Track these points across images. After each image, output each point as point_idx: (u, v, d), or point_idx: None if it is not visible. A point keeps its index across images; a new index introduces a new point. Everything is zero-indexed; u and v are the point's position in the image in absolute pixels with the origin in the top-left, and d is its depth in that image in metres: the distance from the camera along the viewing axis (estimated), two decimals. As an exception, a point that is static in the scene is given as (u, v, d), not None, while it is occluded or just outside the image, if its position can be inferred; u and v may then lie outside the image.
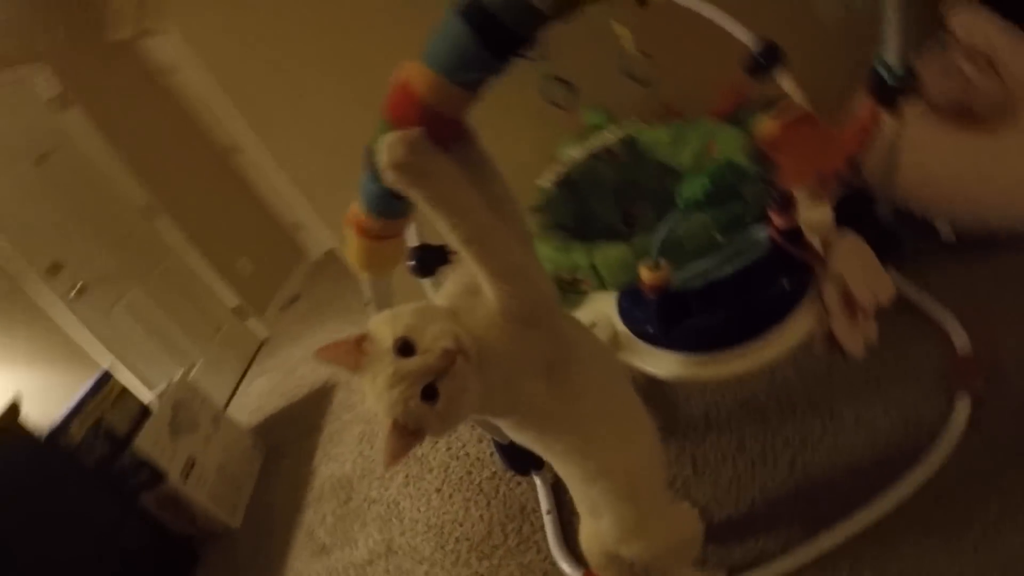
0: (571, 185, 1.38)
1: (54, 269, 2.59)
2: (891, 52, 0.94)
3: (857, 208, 1.33)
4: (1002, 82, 1.46)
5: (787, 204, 0.84)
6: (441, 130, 0.59)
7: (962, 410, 1.06)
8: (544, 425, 0.74)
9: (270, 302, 3.82)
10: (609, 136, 1.40)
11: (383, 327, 0.64)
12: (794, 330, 0.88)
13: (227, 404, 3.05)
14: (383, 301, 0.82)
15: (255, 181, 4.06)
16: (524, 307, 0.64)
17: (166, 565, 1.98)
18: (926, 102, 1.53)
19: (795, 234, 0.85)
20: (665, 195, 1.37)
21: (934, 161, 1.38)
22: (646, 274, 0.88)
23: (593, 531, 0.89)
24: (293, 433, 2.41)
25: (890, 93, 0.98)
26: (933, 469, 1.01)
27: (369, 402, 0.64)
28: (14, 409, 1.76)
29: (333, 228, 1.96)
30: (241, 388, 3.20)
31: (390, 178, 0.58)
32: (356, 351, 0.64)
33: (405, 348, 0.61)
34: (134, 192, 3.18)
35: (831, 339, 0.86)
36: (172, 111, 3.79)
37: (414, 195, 0.59)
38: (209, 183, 3.81)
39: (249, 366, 3.39)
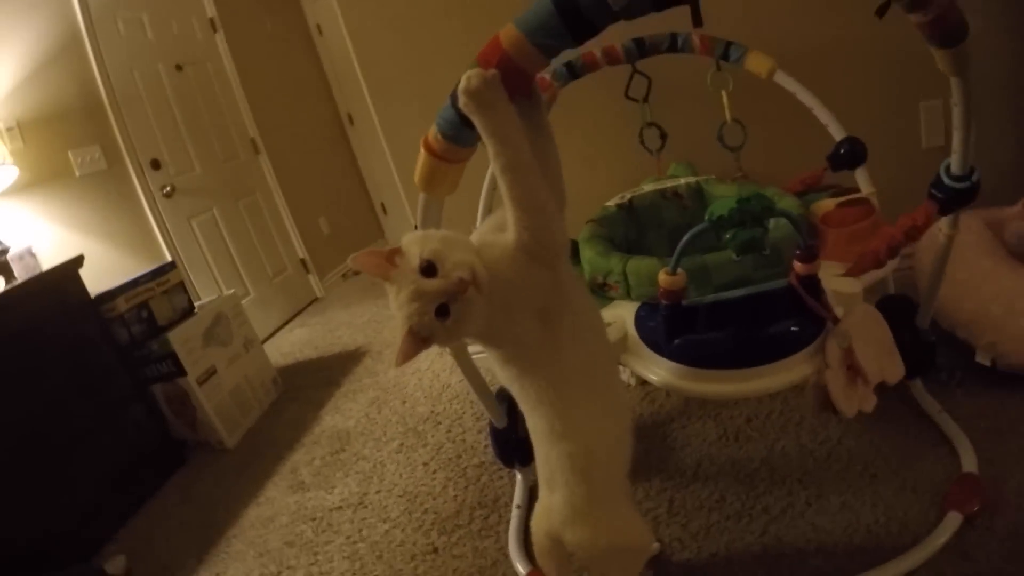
0: (632, 212, 1.45)
1: (156, 164, 2.84)
2: (955, 161, 0.98)
3: (897, 311, 1.36)
4: None
5: (811, 253, 0.88)
6: (514, 79, 0.69)
7: (949, 526, 1.04)
8: (526, 366, 0.78)
9: (335, 267, 4.00)
10: (681, 180, 1.48)
11: (413, 246, 0.71)
12: (790, 370, 0.90)
13: (264, 340, 3.18)
14: (428, 223, 0.90)
15: (359, 154, 4.30)
16: (537, 243, 0.71)
17: (155, 457, 2.08)
18: (1002, 237, 1.55)
19: (813, 282, 0.89)
20: (716, 245, 1.45)
21: (992, 291, 1.39)
22: (663, 277, 0.93)
23: (545, 507, 0.90)
24: (313, 382, 2.51)
25: (948, 198, 1.01)
26: (900, 573, 1.00)
27: (392, 308, 0.72)
28: (78, 260, 1.93)
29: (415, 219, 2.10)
30: (281, 332, 3.35)
31: (462, 101, 0.67)
32: (387, 263, 0.71)
33: (429, 269, 0.68)
34: (247, 124, 3.43)
35: (824, 392, 0.88)
36: (306, 67, 4.08)
37: (477, 121, 0.68)
38: (317, 141, 4.05)
39: (295, 316, 3.54)
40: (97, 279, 2.09)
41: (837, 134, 1.43)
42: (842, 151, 1.41)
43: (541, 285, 0.74)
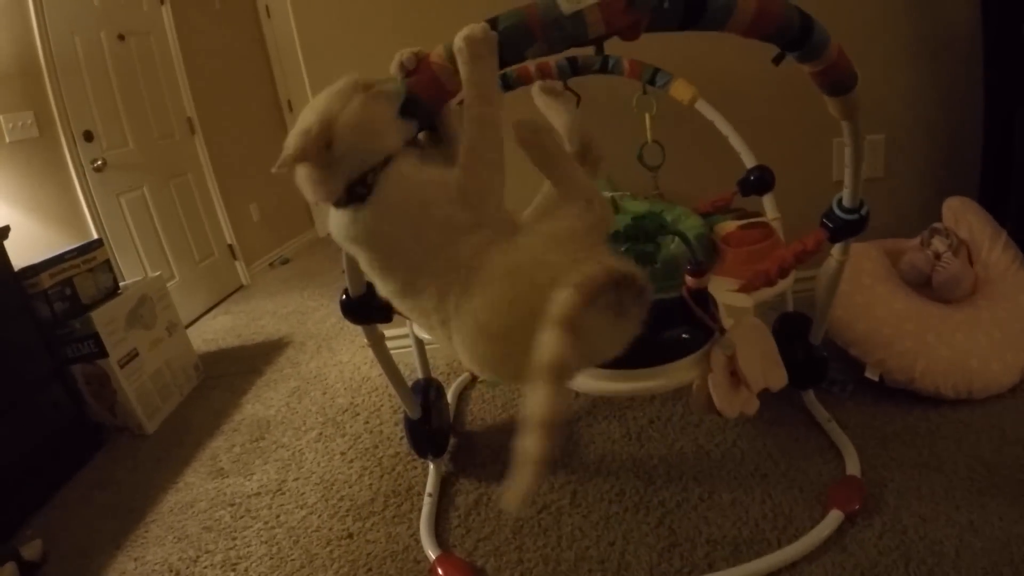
0: None
1: (88, 136, 2.75)
2: (847, 195, 1.10)
3: (794, 327, 1.48)
4: (968, 267, 1.64)
5: (700, 269, 0.97)
6: (437, 94, 0.74)
7: (831, 522, 1.15)
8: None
9: (263, 255, 3.94)
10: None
11: None
12: (678, 373, 0.98)
13: (187, 326, 3.12)
14: None
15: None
16: (472, 189, 0.72)
17: (71, 439, 2.02)
18: (898, 268, 1.71)
19: (702, 295, 0.98)
20: (644, 253, 1.55)
21: (884, 314, 1.54)
22: None
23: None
24: (235, 370, 2.49)
25: (837, 228, 1.12)
26: (781, 563, 1.10)
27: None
28: (3, 231, 1.87)
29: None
30: (205, 318, 3.29)
31: (458, 46, 0.68)
32: None
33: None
34: (185, 102, 3.36)
35: (707, 394, 0.96)
36: (251, 49, 4.04)
37: (465, 70, 0.69)
38: (255, 126, 4.00)
39: (219, 303, 3.49)
40: (20, 252, 2.01)
41: (749, 162, 1.54)
42: (752, 178, 1.52)
43: (451, 219, 0.73)
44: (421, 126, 0.78)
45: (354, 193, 0.72)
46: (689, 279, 0.97)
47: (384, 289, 0.80)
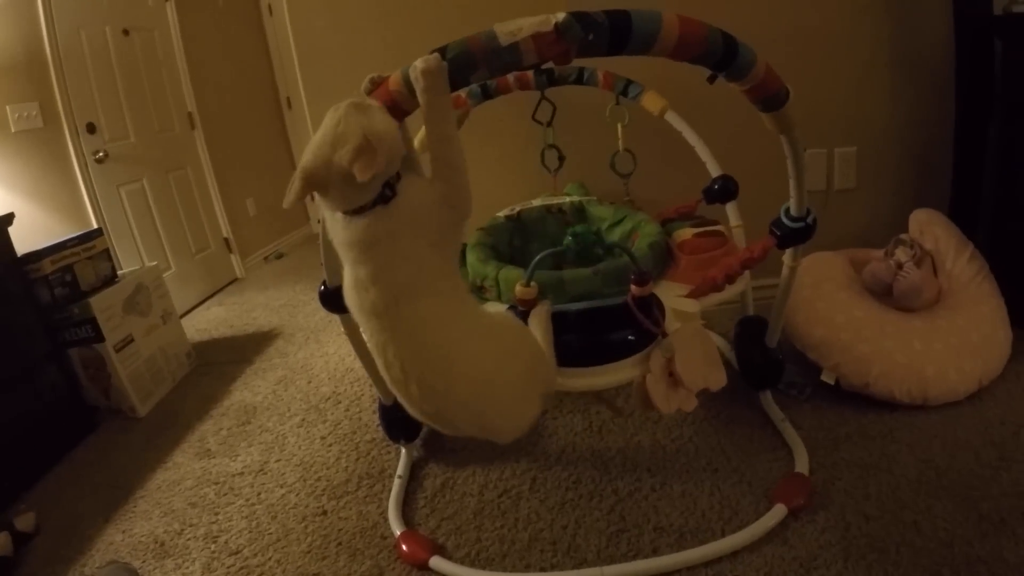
0: (519, 224, 1.62)
1: (91, 128, 2.83)
2: (793, 204, 1.16)
3: (752, 330, 1.55)
4: (932, 277, 1.69)
5: (643, 279, 1.05)
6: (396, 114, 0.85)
7: (773, 516, 1.20)
8: (422, 286, 0.87)
9: (258, 249, 4.02)
10: (566, 199, 1.65)
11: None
12: (620, 372, 1.06)
13: (181, 315, 3.20)
14: None
15: (293, 139, 4.32)
16: (452, 193, 0.85)
17: (66, 420, 2.10)
18: (861, 277, 1.76)
19: (646, 302, 1.06)
20: (592, 260, 1.61)
21: (843, 320, 1.58)
22: (519, 288, 1.09)
23: None
24: (225, 358, 2.58)
25: (784, 235, 1.18)
26: (723, 551, 1.16)
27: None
28: (8, 218, 1.96)
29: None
30: (199, 309, 3.38)
31: (414, 76, 0.79)
32: None
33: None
34: (186, 97, 3.43)
35: (646, 392, 1.04)
36: (252, 46, 4.10)
37: (423, 97, 0.80)
38: (254, 122, 4.06)
39: (214, 294, 3.57)
40: (23, 237, 2.10)
41: (714, 171, 1.61)
42: (716, 186, 1.59)
43: (443, 220, 0.86)
44: None
45: (383, 196, 0.82)
46: (633, 287, 1.05)
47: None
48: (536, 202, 1.64)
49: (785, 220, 1.19)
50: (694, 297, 1.19)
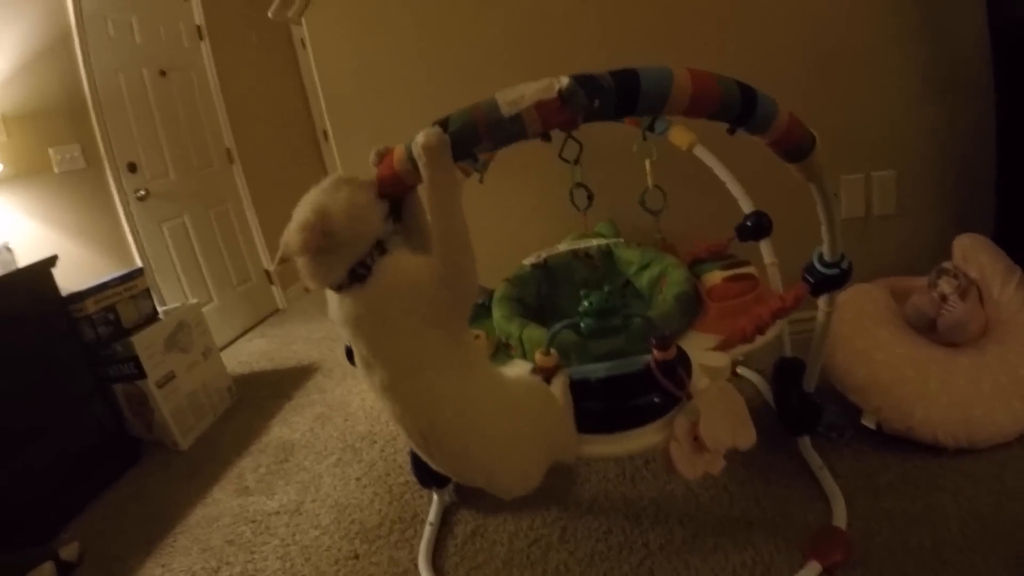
0: (547, 271, 1.61)
1: (132, 168, 2.92)
2: (826, 249, 1.11)
3: (789, 372, 1.50)
4: (978, 308, 1.59)
5: (666, 344, 1.03)
6: (398, 187, 0.84)
7: (807, 574, 1.16)
8: (439, 365, 0.86)
9: (299, 280, 4.06)
10: (593, 242, 1.63)
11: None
12: (644, 437, 1.04)
13: (223, 348, 3.29)
14: None
15: (330, 170, 4.39)
16: (453, 274, 0.82)
17: (111, 451, 2.19)
18: (903, 310, 1.68)
19: (669, 366, 1.02)
20: (608, 330, 1.58)
21: (884, 359, 1.51)
22: (538, 357, 1.08)
23: None
24: (265, 393, 2.63)
25: (818, 283, 1.12)
26: None
27: None
28: (52, 260, 2.05)
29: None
30: (240, 340, 3.46)
31: (417, 153, 0.76)
32: None
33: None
34: (224, 133, 3.52)
35: (671, 457, 1.00)
36: (287, 81, 4.17)
37: (426, 172, 0.77)
38: (292, 155, 4.11)
39: (255, 325, 3.65)
40: (68, 276, 2.19)
41: (746, 207, 1.57)
42: (749, 223, 1.54)
43: (440, 300, 0.82)
44: (391, 209, 0.87)
45: (356, 275, 0.81)
46: (655, 352, 1.03)
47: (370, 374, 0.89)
48: (563, 246, 1.62)
49: (818, 266, 1.14)
50: (723, 350, 1.15)
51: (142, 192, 2.96)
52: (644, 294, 1.51)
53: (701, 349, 1.16)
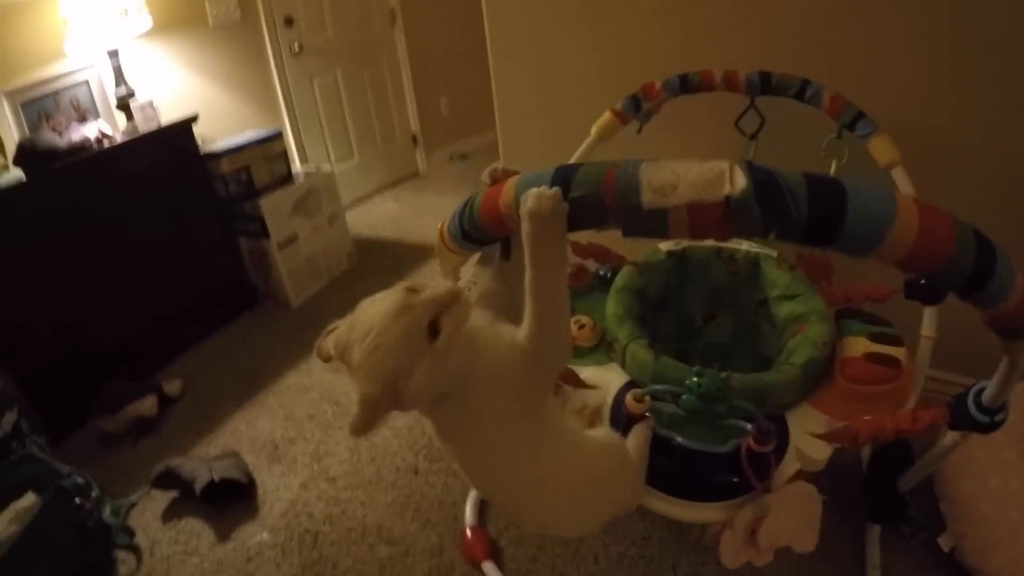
0: (682, 261, 1.44)
1: (289, 21, 2.88)
2: (988, 395, 0.85)
3: (892, 458, 1.33)
4: None
5: (766, 439, 0.91)
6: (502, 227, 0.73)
7: None
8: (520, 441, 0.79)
9: (444, 147, 3.99)
10: (743, 245, 1.43)
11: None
12: (708, 513, 0.99)
13: (355, 205, 3.39)
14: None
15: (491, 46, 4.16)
16: (542, 358, 0.72)
17: (230, 296, 2.40)
18: None
19: (760, 459, 0.93)
20: (747, 323, 1.42)
21: (994, 484, 1.30)
22: (630, 400, 1.00)
23: None
24: (383, 265, 2.70)
25: (962, 420, 0.89)
26: None
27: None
28: (194, 118, 2.17)
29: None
30: (374, 199, 3.50)
31: (524, 218, 0.62)
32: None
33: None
34: (390, -8, 3.34)
35: (719, 544, 0.96)
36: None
37: (528, 242, 0.64)
38: (456, 21, 3.90)
39: (392, 185, 3.66)
40: (215, 125, 2.29)
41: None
42: (924, 282, 1.29)
43: (524, 383, 0.73)
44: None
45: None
46: (751, 441, 0.92)
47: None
48: (708, 242, 1.43)
49: (971, 405, 0.88)
50: (828, 441, 1.02)
51: (297, 47, 2.93)
52: (776, 324, 1.34)
53: (806, 430, 1.03)
